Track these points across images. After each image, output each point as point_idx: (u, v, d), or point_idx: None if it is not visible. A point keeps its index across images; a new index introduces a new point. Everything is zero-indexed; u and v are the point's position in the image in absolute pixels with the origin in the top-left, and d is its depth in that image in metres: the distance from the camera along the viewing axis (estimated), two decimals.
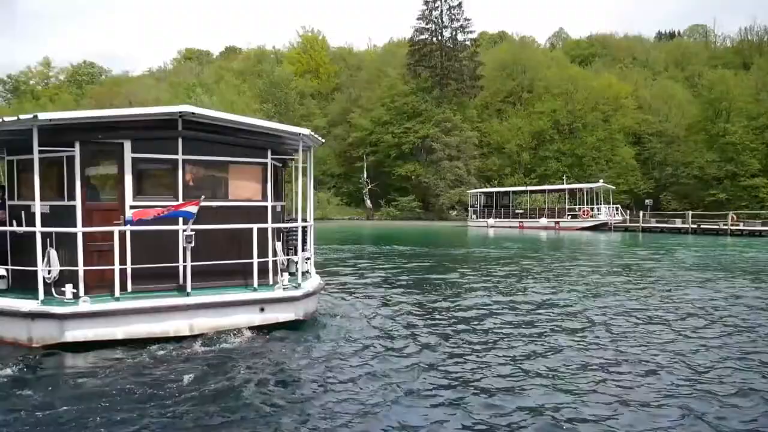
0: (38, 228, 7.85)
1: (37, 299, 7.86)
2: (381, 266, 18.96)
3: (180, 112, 8.75)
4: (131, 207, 8.56)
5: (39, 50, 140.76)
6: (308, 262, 10.63)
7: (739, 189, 54.86)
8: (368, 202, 62.83)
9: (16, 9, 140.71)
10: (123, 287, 8.49)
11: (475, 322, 10.03)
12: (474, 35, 67.13)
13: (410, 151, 61.23)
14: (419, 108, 61.66)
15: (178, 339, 8.11)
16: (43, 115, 7.63)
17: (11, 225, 8.97)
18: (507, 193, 49.94)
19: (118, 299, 8.21)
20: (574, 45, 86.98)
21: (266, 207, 9.71)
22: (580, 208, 44.24)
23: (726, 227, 35.47)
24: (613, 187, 46.75)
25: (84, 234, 8.11)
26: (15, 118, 7.81)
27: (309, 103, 73.77)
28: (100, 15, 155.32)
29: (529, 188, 49.48)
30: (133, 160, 8.72)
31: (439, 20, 64.84)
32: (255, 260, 8.96)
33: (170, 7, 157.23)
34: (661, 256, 22.89)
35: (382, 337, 8.87)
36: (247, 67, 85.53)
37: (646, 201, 46.40)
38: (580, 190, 45.39)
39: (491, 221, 46.78)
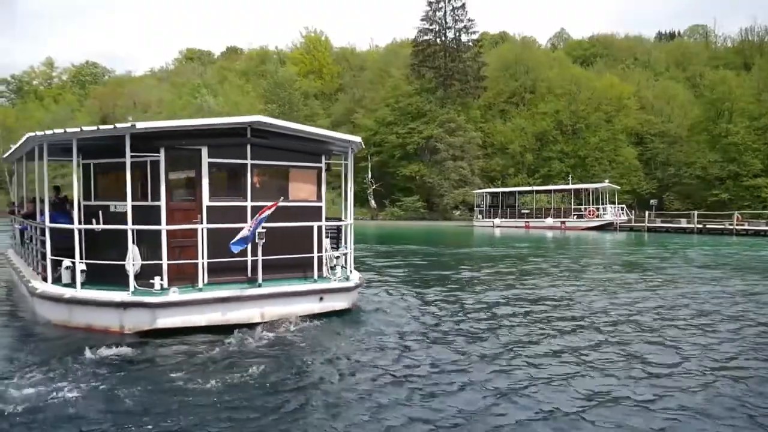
0: (129, 226, 8.68)
1: (121, 290, 8.66)
2: (398, 264, 19.35)
3: (250, 122, 9.78)
4: (207, 207, 9.52)
5: (39, 50, 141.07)
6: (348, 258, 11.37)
7: (741, 189, 55.20)
8: (372, 202, 63.08)
9: (16, 9, 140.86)
10: (193, 281, 9.32)
11: (507, 315, 10.44)
12: (476, 36, 67.58)
13: (414, 151, 61.56)
14: (423, 108, 61.98)
15: (250, 325, 8.92)
16: (140, 125, 8.49)
17: (88, 223, 9.57)
18: (513, 193, 50.30)
19: (200, 290, 9.05)
20: (576, 45, 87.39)
21: (320, 207, 10.86)
22: (585, 208, 44.60)
23: (732, 227, 35.84)
24: (618, 188, 47.11)
25: (167, 231, 8.98)
26: (112, 126, 8.59)
27: (312, 104, 74.10)
28: (100, 15, 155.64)
29: (535, 188, 49.78)
30: (209, 164, 9.60)
31: (443, 21, 65.15)
32: (315, 255, 10.15)
33: (170, 8, 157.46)
34: (671, 255, 23.26)
35: (425, 327, 9.61)
36: (249, 67, 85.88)
37: (651, 201, 46.81)
38: (586, 190, 45.73)
39: (497, 221, 47.12)
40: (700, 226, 37.59)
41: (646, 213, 42.33)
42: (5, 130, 70.90)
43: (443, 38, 65.26)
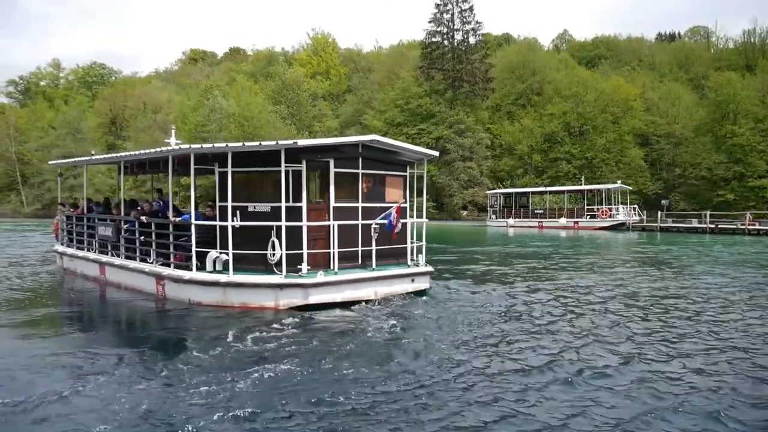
0: (284, 222, 10.84)
1: (258, 275, 10.92)
2: (432, 260, 20.16)
3: (364, 140, 12.01)
4: (333, 208, 11.71)
5: (38, 51, 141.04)
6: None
7: (746, 190, 56.18)
8: None
9: (17, 9, 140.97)
10: (328, 266, 11.46)
11: (559, 299, 11.17)
12: (482, 37, 68.21)
13: None
14: (433, 110, 62.71)
15: (367, 301, 11.35)
16: (301, 142, 10.91)
17: (224, 221, 11.36)
18: (525, 193, 51.13)
19: (336, 273, 11.25)
20: (579, 47, 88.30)
21: (405, 207, 13.05)
22: (598, 209, 45.43)
23: (744, 227, 36.71)
24: (630, 188, 47.95)
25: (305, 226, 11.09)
26: (274, 142, 10.68)
27: (320, 105, 74.77)
28: (100, 15, 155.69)
29: (548, 189, 50.60)
30: (335, 173, 11.73)
31: (451, 23, 65.84)
32: (409, 245, 12.96)
33: (171, 8, 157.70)
34: (698, 252, 24.02)
35: (486, 304, 11.84)
36: (257, 68, 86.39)
37: (663, 201, 47.69)
38: (599, 191, 46.56)
39: (511, 221, 47.90)
40: (713, 225, 38.43)
41: (659, 213, 43.13)
42: (17, 131, 71.51)
43: (451, 40, 65.95)
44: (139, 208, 14.63)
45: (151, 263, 12.85)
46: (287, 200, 10.93)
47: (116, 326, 10.95)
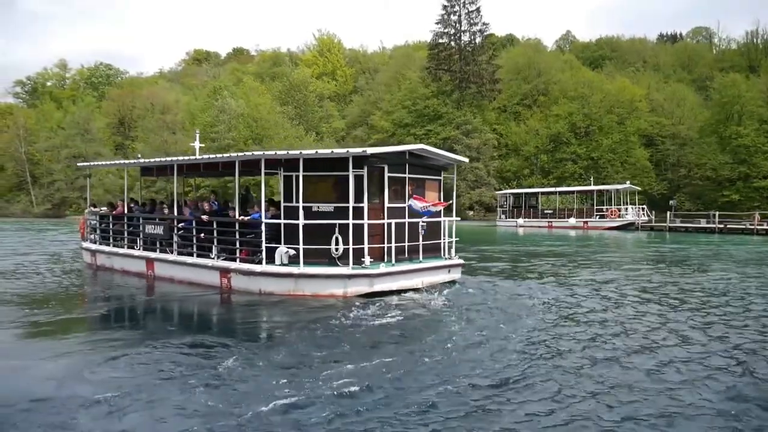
0: (366, 221, 12.24)
1: (322, 267, 12.19)
2: None
3: (411, 149, 13.57)
4: (387, 208, 13.10)
5: (39, 51, 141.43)
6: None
7: (751, 190, 56.76)
8: None
9: (17, 9, 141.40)
10: (382, 258, 12.81)
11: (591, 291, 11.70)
12: (487, 38, 68.77)
13: None
14: (440, 111, 63.24)
15: (414, 290, 12.76)
16: (369, 150, 12.24)
17: (289, 219, 12.61)
18: (535, 194, 51.72)
19: (393, 265, 12.70)
20: (583, 48, 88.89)
21: (450, 204, 14.72)
22: (607, 209, 46.00)
23: (752, 227, 37.29)
24: (639, 188, 48.52)
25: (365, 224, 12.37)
26: (345, 150, 12.19)
27: (327, 105, 75.28)
28: (101, 15, 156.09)
29: (558, 189, 51.18)
30: (388, 178, 13.12)
31: (458, 24, 66.38)
32: (445, 240, 14.50)
33: (172, 8, 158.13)
34: (713, 251, 24.53)
35: (518, 293, 13.18)
36: (262, 69, 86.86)
37: (671, 201, 48.25)
38: (608, 191, 47.14)
39: (521, 221, 48.45)
40: (721, 225, 38.98)
41: (668, 213, 43.71)
42: (26, 132, 71.93)
43: (458, 42, 66.49)
44: (198, 207, 15.68)
45: (213, 258, 13.89)
46: (346, 201, 12.19)
47: (207, 317, 11.63)
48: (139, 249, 16.53)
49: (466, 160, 15.63)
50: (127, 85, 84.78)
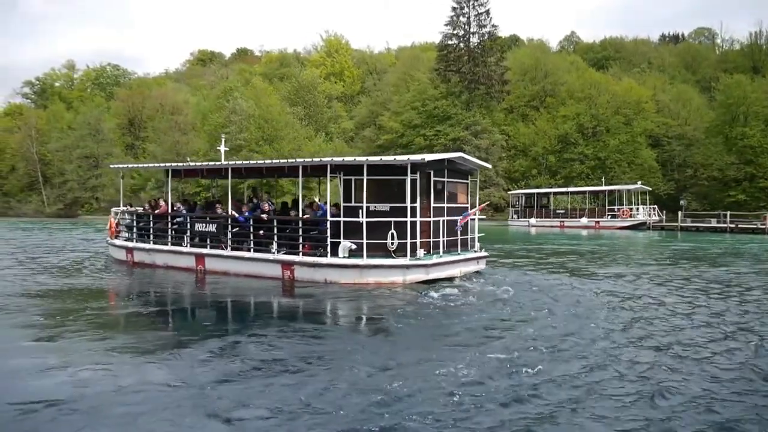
0: (419, 218, 14.12)
1: (382, 259, 13.87)
2: None
3: (452, 157, 15.35)
4: (433, 207, 14.84)
5: (41, 51, 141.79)
6: None
7: (757, 190, 57.50)
8: None
9: (18, 9, 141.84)
10: (428, 251, 14.56)
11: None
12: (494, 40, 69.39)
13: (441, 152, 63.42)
14: (449, 112, 63.85)
15: (453, 278, 14.64)
16: (427, 158, 13.99)
17: (350, 217, 14.26)
18: (547, 194, 52.46)
19: (441, 256, 14.73)
20: (587, 49, 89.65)
21: (467, 207, 16.66)
22: (619, 209, 46.75)
23: (763, 226, 38.03)
24: (650, 189, 49.25)
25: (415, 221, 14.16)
26: (406, 158, 14.07)
27: (335, 106, 75.90)
28: (102, 16, 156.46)
29: (570, 189, 51.92)
30: (434, 181, 14.83)
31: (467, 26, 66.99)
32: (476, 235, 16.73)
33: (174, 8, 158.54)
34: (733, 249, 25.22)
35: (536, 283, 14.60)
36: (269, 70, 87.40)
37: (681, 201, 48.99)
38: (619, 191, 47.89)
39: (533, 221, 49.17)
40: (732, 225, 39.71)
41: (679, 213, 44.48)
42: (38, 132, 72.47)
43: (467, 43, 67.10)
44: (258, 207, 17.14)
45: (273, 253, 15.28)
46: (404, 202, 14.00)
47: (294, 306, 12.68)
48: (186, 246, 17.42)
49: (489, 166, 18.05)
50: (136, 86, 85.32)
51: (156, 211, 19.53)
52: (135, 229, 20.19)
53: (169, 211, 18.82)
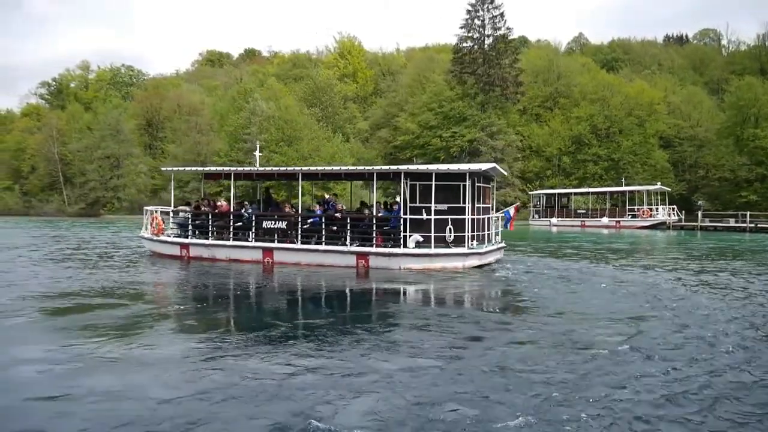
0: (468, 216, 17.00)
1: (442, 249, 16.77)
2: None
3: (489, 167, 18.05)
4: (477, 207, 17.67)
5: (43, 51, 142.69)
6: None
7: None
8: None
9: (21, 9, 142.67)
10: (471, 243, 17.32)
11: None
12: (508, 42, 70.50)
13: (458, 153, 64.59)
14: (465, 113, 64.96)
15: (489, 264, 17.67)
16: (483, 167, 17.49)
17: (419, 215, 17.08)
18: (567, 194, 53.69)
19: (487, 246, 17.96)
20: (596, 50, 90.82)
21: (489, 207, 19.54)
22: (639, 209, 47.94)
23: None
24: (669, 189, 50.42)
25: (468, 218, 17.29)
26: (467, 167, 17.94)
27: (350, 107, 76.97)
28: (103, 16, 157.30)
29: (591, 190, 53.15)
30: (477, 187, 17.64)
31: (482, 29, 68.09)
32: (499, 230, 20.14)
33: (176, 9, 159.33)
34: (759, 247, 26.32)
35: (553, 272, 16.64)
36: (282, 71, 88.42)
37: (699, 202, 50.18)
38: (639, 192, 49.07)
39: (554, 220, 50.33)
40: (752, 225, 40.87)
41: (698, 213, 45.64)
42: (59, 133, 73.46)
43: (482, 45, 68.20)
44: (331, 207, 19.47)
45: (347, 245, 17.65)
46: (458, 202, 17.04)
47: (396, 295, 13.89)
48: (251, 240, 19.17)
49: (506, 173, 20.34)
50: (152, 87, 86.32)
51: (216, 210, 20.85)
52: (190, 227, 21.28)
53: (232, 210, 20.29)
